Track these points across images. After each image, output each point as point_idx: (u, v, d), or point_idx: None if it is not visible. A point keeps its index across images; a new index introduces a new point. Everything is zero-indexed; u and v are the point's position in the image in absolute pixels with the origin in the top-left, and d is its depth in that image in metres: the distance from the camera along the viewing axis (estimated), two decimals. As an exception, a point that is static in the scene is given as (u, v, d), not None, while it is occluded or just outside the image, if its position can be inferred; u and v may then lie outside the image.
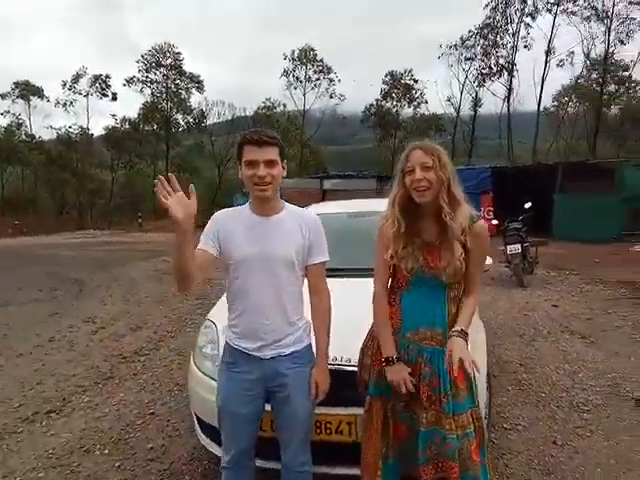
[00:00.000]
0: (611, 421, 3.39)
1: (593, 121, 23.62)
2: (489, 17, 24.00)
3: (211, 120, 35.07)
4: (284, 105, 32.94)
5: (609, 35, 22.14)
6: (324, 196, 18.11)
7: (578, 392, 3.87)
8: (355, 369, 2.28)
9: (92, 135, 36.24)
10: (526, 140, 25.34)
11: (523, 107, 26.32)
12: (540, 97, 24.89)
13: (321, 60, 31.19)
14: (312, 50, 31.02)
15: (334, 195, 17.69)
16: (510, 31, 24.10)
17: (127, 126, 34.76)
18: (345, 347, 2.31)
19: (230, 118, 34.28)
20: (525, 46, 24.14)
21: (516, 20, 23.89)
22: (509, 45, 24.23)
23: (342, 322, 2.14)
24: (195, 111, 34.46)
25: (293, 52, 31.28)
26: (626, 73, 23.78)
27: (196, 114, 34.43)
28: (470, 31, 24.90)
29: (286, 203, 2.09)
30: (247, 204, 2.08)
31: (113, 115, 35.32)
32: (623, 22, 21.81)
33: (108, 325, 6.29)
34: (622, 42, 22.30)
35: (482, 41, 24.53)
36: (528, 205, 8.92)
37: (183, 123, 34.91)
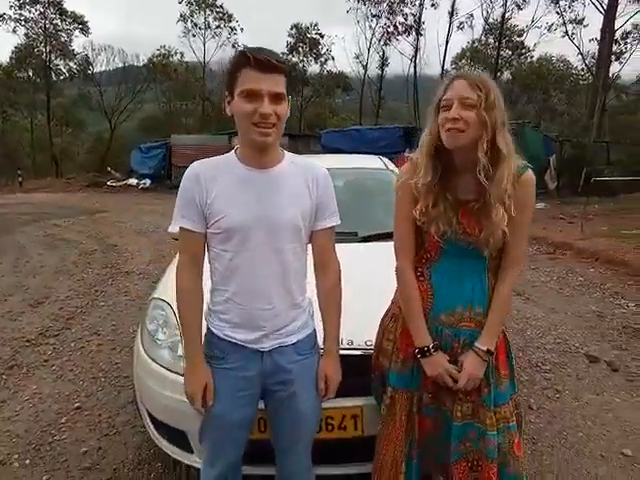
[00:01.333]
0: (573, 380, 3.40)
1: (489, 84, 24.66)
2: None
3: (98, 68, 31.55)
4: (181, 54, 30.53)
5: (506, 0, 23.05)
6: (233, 153, 17.24)
7: (533, 351, 3.87)
8: (359, 353, 1.94)
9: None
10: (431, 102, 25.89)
11: (430, 69, 26.87)
12: (444, 59, 25.46)
13: (221, 6, 29.18)
14: (210, -7, 28.84)
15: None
16: (419, -13, 24.09)
17: (-3, 72, 30.21)
18: (347, 327, 1.93)
19: (121, 66, 31.16)
20: (432, 4, 24.32)
21: (424, -24, 23.84)
22: (417, 2, 24.30)
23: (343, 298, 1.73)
24: (79, 57, 30.53)
25: (189, -6, 28.82)
26: (520, 39, 25.08)
27: (80, 60, 30.55)
28: (377, -15, 24.61)
29: (285, 151, 1.60)
30: (232, 152, 1.56)
31: (-21, 58, 30.53)
32: (518, -13, 22.77)
33: (0, 301, 5.33)
34: (519, 7, 23.34)
35: (388, -3, 24.38)
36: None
37: (65, 70, 30.81)
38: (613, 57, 20.57)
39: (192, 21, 29.25)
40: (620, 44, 21.79)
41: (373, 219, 2.99)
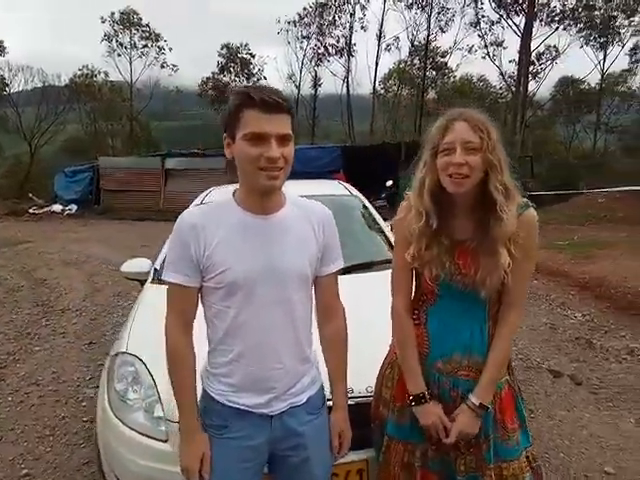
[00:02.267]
0: (542, 397, 3.44)
1: (416, 104, 25.61)
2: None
3: (16, 88, 29.69)
4: (106, 73, 29.35)
5: (430, 23, 24.13)
6: (167, 177, 16.65)
7: (499, 370, 3.89)
8: (362, 401, 1.80)
9: None
10: (364, 121, 26.57)
11: (362, 89, 27.44)
12: (375, 79, 26.14)
13: (147, 25, 28.42)
14: (136, 14, 28.03)
15: (179, 175, 16.37)
16: (348, 11, 24.66)
17: None
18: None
19: (40, 86, 29.44)
20: (362, 27, 24.91)
21: (352, 1, 24.46)
22: (348, 25, 24.85)
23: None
24: (-7, 77, 28.69)
25: (113, 14, 27.89)
26: (443, 59, 26.27)
27: (-6, 80, 28.72)
28: (305, 8, 24.95)
29: (285, 194, 1.45)
30: (229, 197, 1.40)
31: None
32: (440, 12, 23.94)
33: None
34: (442, 30, 24.44)
35: (318, 19, 24.77)
36: (390, 183, 9.17)
37: (-23, 91, 28.84)
38: (530, 76, 22.01)
39: (117, 40, 28.28)
40: (536, 64, 23.41)
41: (347, 249, 2.86)
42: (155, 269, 2.93)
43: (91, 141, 28.89)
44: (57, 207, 17.73)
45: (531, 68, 22.08)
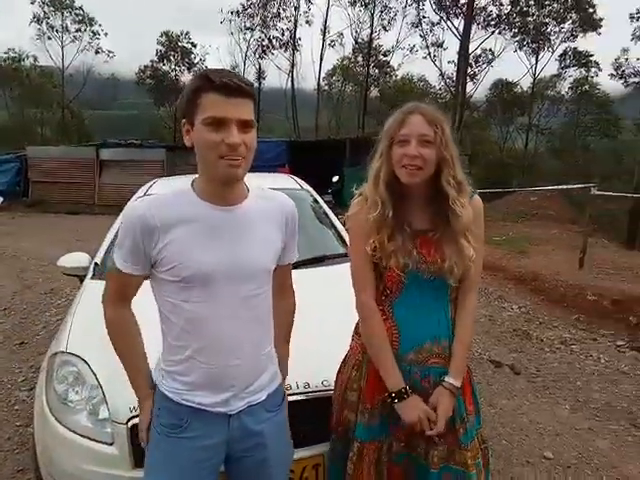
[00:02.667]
0: (484, 386, 3.55)
1: (360, 101, 25.93)
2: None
3: None
4: (34, 57, 27.64)
5: (373, 21, 24.46)
6: (102, 168, 15.89)
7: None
8: (318, 395, 1.78)
9: None
10: (309, 116, 26.56)
11: (306, 83, 27.43)
12: (319, 75, 26.16)
13: (80, 7, 26.97)
14: (67, -5, 26.54)
15: (115, 167, 15.68)
16: (292, 4, 24.48)
17: None
18: (300, 369, 1.77)
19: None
20: (307, 22, 24.83)
21: (297, -7, 24.31)
22: (293, 19, 24.68)
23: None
24: None
25: (42, -6, 26.26)
26: (385, 58, 26.70)
27: None
28: (249, -1, 24.60)
29: (248, 184, 1.37)
30: (187, 186, 1.30)
31: None
32: (383, 11, 24.32)
33: None
34: (385, 29, 24.84)
35: (262, 11, 24.45)
36: (336, 179, 9.21)
37: None
38: (468, 78, 22.84)
39: (47, 23, 26.67)
40: (473, 66, 24.25)
41: (300, 244, 2.84)
42: (96, 264, 2.77)
43: (18, 129, 27.15)
44: (-19, 199, 16.54)
45: (469, 70, 22.90)
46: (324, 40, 25.57)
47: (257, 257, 1.31)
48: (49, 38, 26.91)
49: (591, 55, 25.00)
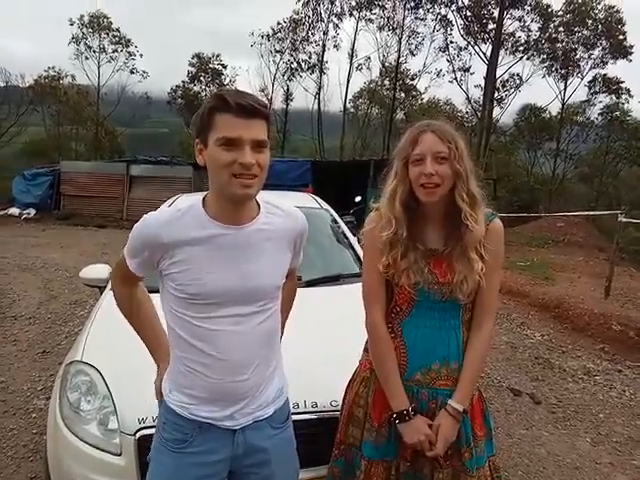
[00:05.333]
0: (502, 415, 3.47)
1: (386, 123, 26.04)
2: (298, 12, 24.49)
3: (-25, 88, 28.57)
4: (72, 76, 28.70)
5: (400, 46, 24.69)
6: (131, 184, 16.27)
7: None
8: (326, 415, 1.78)
9: None
10: (334, 137, 26.78)
11: (332, 105, 27.69)
12: (345, 97, 26.44)
13: (117, 29, 28.04)
14: (106, 18, 27.62)
15: (145, 183, 16.03)
16: (321, 29, 24.96)
17: None
18: (309, 388, 1.76)
19: (3, 86, 28.48)
20: (335, 46, 25.19)
21: (325, 19, 24.77)
22: (321, 43, 25.10)
23: (297, 352, 1.63)
24: (-50, 75, 27.54)
25: (82, 17, 27.38)
26: (412, 82, 26.88)
27: (-49, 78, 27.56)
28: (279, 23, 25.15)
29: (259, 200, 1.38)
30: (197, 204, 1.31)
31: None
32: (411, 36, 24.56)
33: None
34: (412, 53, 25.05)
35: (291, 35, 24.96)
36: (358, 199, 9.22)
37: None
38: (495, 102, 22.76)
39: (85, 43, 27.75)
40: (500, 91, 24.19)
41: (316, 262, 2.86)
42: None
43: (53, 144, 28.10)
44: (14, 210, 17.05)
45: (496, 94, 22.82)
46: (351, 63, 25.86)
47: (267, 276, 1.33)
48: (86, 58, 27.94)
49: (622, 82, 24.66)
